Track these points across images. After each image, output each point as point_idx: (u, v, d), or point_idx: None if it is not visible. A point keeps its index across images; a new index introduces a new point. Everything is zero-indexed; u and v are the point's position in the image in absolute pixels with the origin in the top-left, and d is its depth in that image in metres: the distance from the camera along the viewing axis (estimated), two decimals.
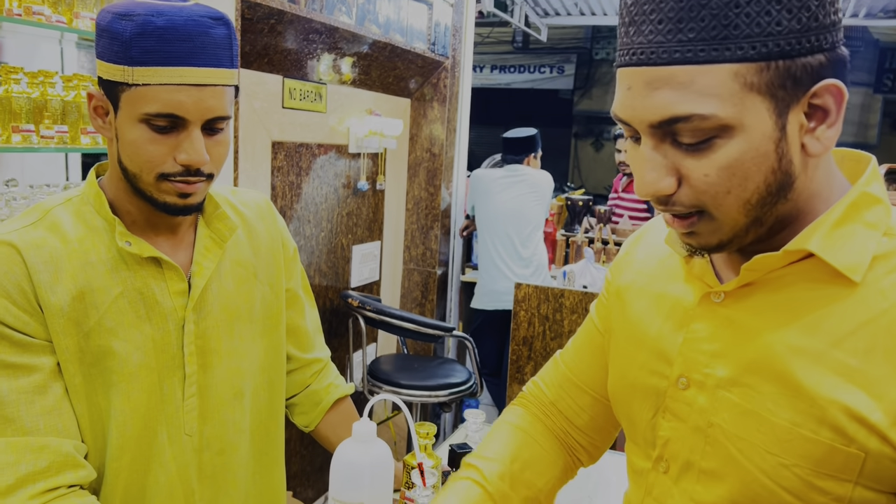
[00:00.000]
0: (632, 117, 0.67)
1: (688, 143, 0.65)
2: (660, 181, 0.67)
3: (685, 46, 0.62)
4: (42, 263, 0.95)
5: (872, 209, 0.68)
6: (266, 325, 1.16)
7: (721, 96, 0.62)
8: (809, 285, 0.69)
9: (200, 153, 0.95)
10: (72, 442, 0.96)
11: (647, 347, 0.84)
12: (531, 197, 3.51)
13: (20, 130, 1.81)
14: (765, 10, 0.60)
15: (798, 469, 0.67)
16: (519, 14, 6.27)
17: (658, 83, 0.64)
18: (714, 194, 0.65)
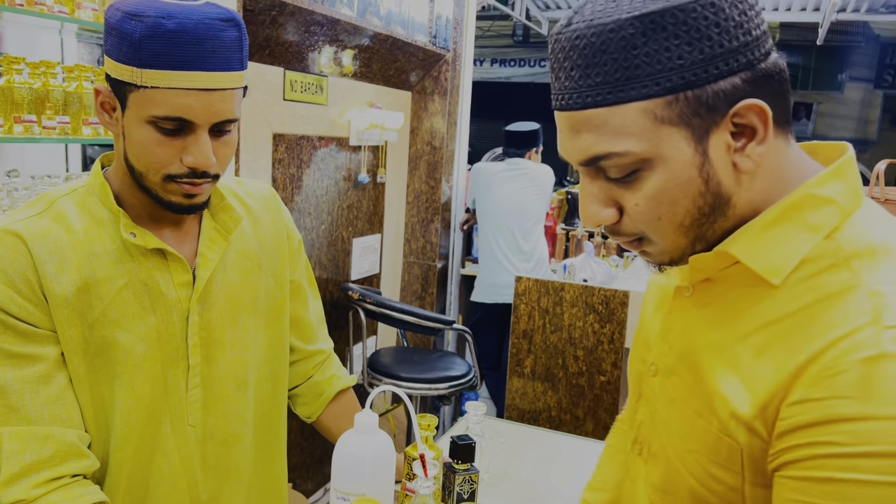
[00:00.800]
0: (566, 156, 0.72)
1: (614, 177, 0.69)
2: (600, 213, 0.71)
3: (594, 91, 0.66)
4: (47, 254, 0.95)
5: (818, 210, 0.68)
6: (270, 317, 1.16)
7: (634, 133, 0.65)
8: (740, 284, 0.72)
9: (207, 156, 0.94)
10: (76, 432, 0.96)
11: (640, 335, 0.90)
12: (532, 191, 3.51)
13: (22, 121, 1.81)
14: (663, 47, 0.63)
15: (698, 455, 0.71)
16: (520, 7, 6.25)
17: (578, 126, 0.68)
18: (647, 221, 0.69)
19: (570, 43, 0.67)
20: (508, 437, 1.82)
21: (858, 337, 0.60)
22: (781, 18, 5.77)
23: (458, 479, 1.24)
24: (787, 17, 5.78)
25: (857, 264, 0.64)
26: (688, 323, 0.77)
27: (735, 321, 0.70)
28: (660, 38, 0.63)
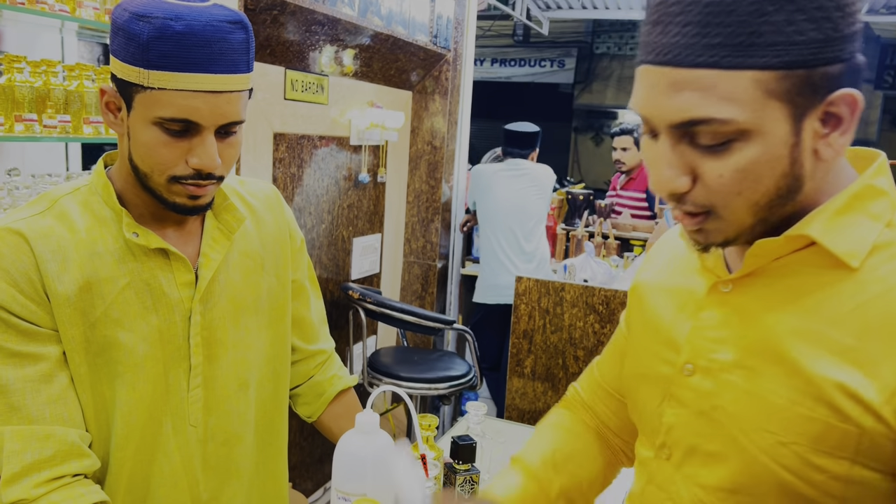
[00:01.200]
0: (653, 115, 0.68)
1: (705, 144, 0.66)
2: (676, 179, 0.68)
3: (710, 51, 0.63)
4: (50, 252, 0.95)
5: (877, 201, 0.71)
6: (272, 317, 1.16)
7: (741, 102, 0.64)
8: (810, 271, 0.71)
9: (213, 158, 0.94)
10: (77, 431, 0.96)
11: (658, 337, 0.86)
12: (533, 191, 3.51)
13: (23, 119, 1.81)
14: (789, 19, 0.62)
15: (796, 447, 0.68)
16: (521, 7, 6.25)
17: (681, 85, 0.65)
18: (725, 194, 0.67)
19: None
20: (509, 437, 1.81)
21: None
22: None
23: (459, 479, 1.24)
24: None
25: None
26: (747, 315, 0.75)
27: (818, 308, 0.69)
28: (789, 9, 0.62)
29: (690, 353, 0.80)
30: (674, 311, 0.84)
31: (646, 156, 0.72)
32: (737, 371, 0.74)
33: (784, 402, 0.69)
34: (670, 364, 0.83)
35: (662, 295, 0.88)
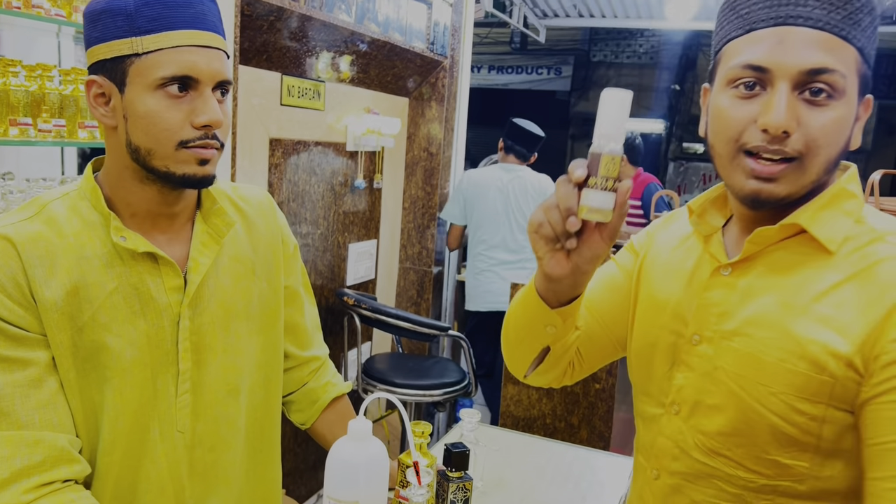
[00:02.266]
0: (779, 64, 0.81)
1: (816, 95, 0.81)
2: (792, 119, 0.81)
3: (836, 22, 0.81)
4: (37, 258, 0.95)
5: (849, 201, 0.88)
6: (263, 322, 1.16)
7: (847, 66, 0.82)
8: (797, 256, 0.88)
9: (217, 112, 0.97)
10: (66, 436, 0.96)
11: (667, 312, 1.00)
12: (531, 197, 3.47)
13: (18, 124, 1.80)
14: (871, 25, 0.83)
15: (783, 395, 0.85)
16: (518, 15, 6.27)
17: (812, 42, 0.81)
18: (819, 143, 0.81)
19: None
20: (503, 444, 1.81)
21: None
22: None
23: (451, 486, 1.23)
24: None
25: (891, 238, 0.84)
26: (746, 293, 0.90)
27: (804, 285, 0.86)
28: (871, 16, 0.83)
29: (697, 326, 0.95)
30: (681, 289, 0.99)
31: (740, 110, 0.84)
32: (736, 338, 0.90)
33: (774, 360, 0.85)
34: (679, 335, 0.97)
35: (669, 275, 1.02)
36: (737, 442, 0.90)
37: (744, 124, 0.84)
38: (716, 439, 0.92)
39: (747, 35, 0.84)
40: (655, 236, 1.10)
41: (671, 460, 0.98)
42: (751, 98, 0.84)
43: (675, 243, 1.05)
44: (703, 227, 0.99)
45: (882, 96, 10.51)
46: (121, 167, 1.00)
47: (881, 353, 0.79)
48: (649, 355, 1.03)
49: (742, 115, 0.84)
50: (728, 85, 0.86)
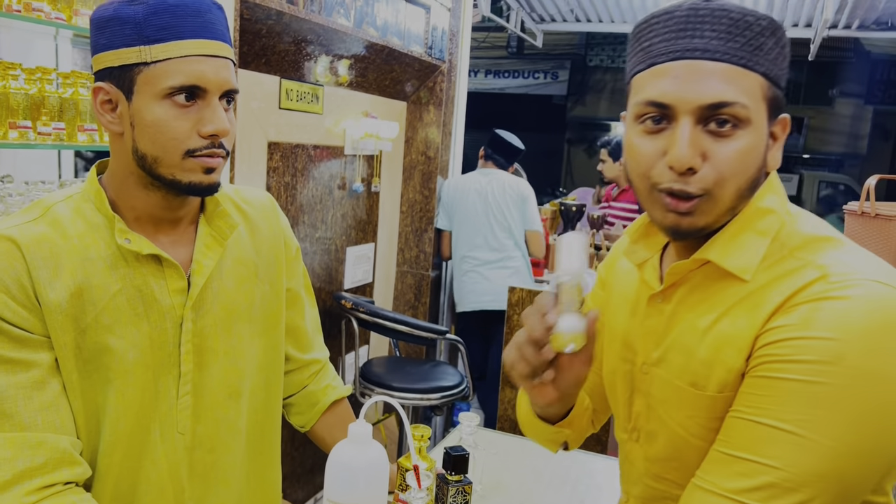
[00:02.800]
0: (681, 100, 0.80)
1: (720, 127, 0.80)
2: (695, 156, 0.80)
3: (733, 52, 0.80)
4: (42, 259, 0.95)
5: (763, 219, 0.86)
6: (265, 325, 1.16)
7: (751, 95, 0.80)
8: (713, 280, 0.87)
9: (224, 121, 0.97)
10: (68, 438, 0.96)
11: (620, 341, 1.02)
12: (509, 197, 3.50)
13: (17, 127, 1.81)
14: (775, 46, 0.82)
15: (697, 419, 0.87)
16: (515, 19, 6.28)
17: (711, 74, 0.80)
18: (727, 175, 0.81)
19: (713, 12, 0.80)
20: (501, 448, 1.81)
21: (811, 288, 0.78)
22: None
23: (451, 490, 1.23)
24: None
25: (799, 254, 0.83)
26: (667, 320, 0.92)
27: (710, 307, 0.86)
28: (776, 38, 0.82)
29: (643, 354, 0.96)
30: (627, 317, 1.01)
31: (650, 147, 0.83)
32: (660, 364, 0.92)
33: (685, 384, 0.87)
34: (632, 363, 0.99)
35: (621, 303, 1.04)
36: (673, 466, 0.92)
37: (653, 160, 0.83)
38: (657, 464, 0.95)
39: (650, 69, 0.83)
40: (616, 264, 1.10)
41: (632, 485, 1.02)
42: (658, 133, 0.83)
43: (628, 269, 1.05)
44: (635, 256, 0.99)
45: (877, 102, 10.55)
46: (126, 172, 1.01)
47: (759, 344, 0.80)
48: (612, 384, 1.05)
49: (651, 151, 0.83)
50: (636, 120, 0.85)
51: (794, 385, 0.75)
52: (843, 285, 0.76)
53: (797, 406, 0.75)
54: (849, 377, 0.73)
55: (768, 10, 5.20)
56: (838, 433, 0.73)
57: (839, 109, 11.05)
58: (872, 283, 0.76)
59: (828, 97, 11.01)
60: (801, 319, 0.76)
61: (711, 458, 0.82)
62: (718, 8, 0.80)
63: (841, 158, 11.07)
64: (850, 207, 2.45)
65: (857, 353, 0.73)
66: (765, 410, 0.77)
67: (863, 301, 0.75)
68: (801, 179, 10.35)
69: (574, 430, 1.08)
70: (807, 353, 0.75)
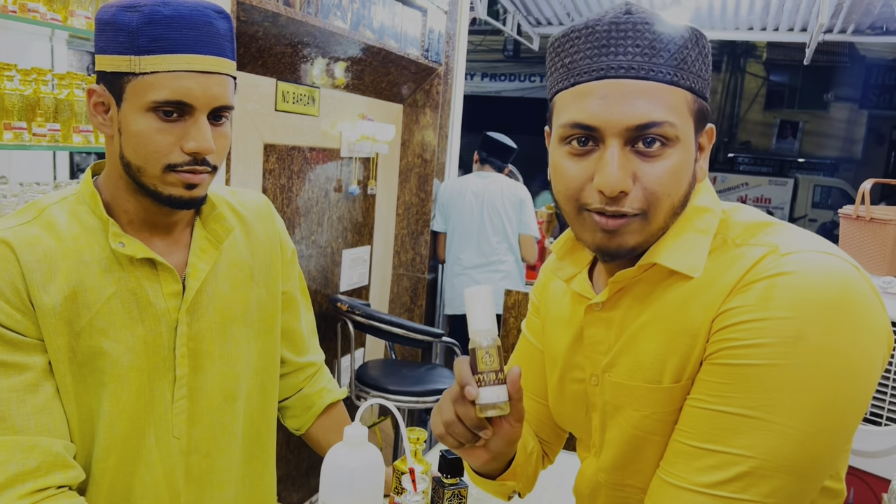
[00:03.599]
0: (607, 122, 0.78)
1: (648, 147, 0.78)
2: (626, 178, 0.78)
3: (657, 69, 0.78)
4: (36, 262, 0.95)
5: (701, 217, 0.85)
6: (261, 328, 1.16)
7: (678, 112, 0.79)
8: (659, 281, 0.86)
9: (208, 140, 0.95)
10: (62, 442, 0.95)
11: (563, 363, 1.00)
12: (507, 199, 3.51)
13: (12, 128, 1.80)
14: (699, 57, 0.81)
15: (656, 415, 0.85)
16: (511, 23, 6.30)
17: (639, 93, 0.77)
18: (659, 195, 0.79)
19: (635, 27, 0.78)
20: None
21: (763, 263, 0.77)
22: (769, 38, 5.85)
23: (447, 493, 1.23)
24: (775, 36, 5.85)
25: (739, 240, 0.82)
26: (617, 327, 0.90)
27: (661, 306, 0.85)
28: (699, 48, 0.80)
29: (591, 367, 0.94)
30: (569, 339, 0.98)
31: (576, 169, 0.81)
32: (611, 370, 0.90)
33: (639, 383, 0.86)
34: (581, 381, 0.97)
35: (557, 324, 1.02)
36: (633, 470, 0.90)
37: (581, 182, 0.81)
38: (613, 473, 0.93)
39: (573, 88, 0.80)
40: (549, 285, 1.08)
41: (592, 501, 1.00)
42: (585, 155, 0.81)
43: (561, 289, 1.03)
44: (563, 273, 0.97)
45: (872, 106, 10.59)
46: (116, 176, 1.00)
47: (716, 327, 0.78)
48: (564, 407, 1.03)
49: (578, 174, 0.81)
50: (561, 142, 0.83)
51: (756, 370, 0.74)
52: (794, 260, 0.75)
53: (762, 391, 0.73)
54: (811, 356, 0.72)
55: (763, 15, 5.22)
56: (806, 415, 0.72)
57: (834, 113, 11.09)
58: (822, 254, 0.75)
59: (823, 101, 11.05)
60: (757, 299, 0.75)
61: (677, 451, 0.80)
62: (640, 21, 0.78)
63: (836, 162, 11.11)
64: (846, 211, 2.46)
65: (817, 330, 0.72)
66: (729, 399, 0.75)
67: (817, 276, 0.73)
68: (796, 183, 10.39)
69: (520, 480, 1.05)
70: (766, 335, 0.73)
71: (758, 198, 10.50)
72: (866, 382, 0.74)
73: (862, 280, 0.75)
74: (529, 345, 1.13)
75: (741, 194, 10.50)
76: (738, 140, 11.74)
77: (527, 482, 1.10)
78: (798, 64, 9.03)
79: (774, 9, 4.90)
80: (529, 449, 1.09)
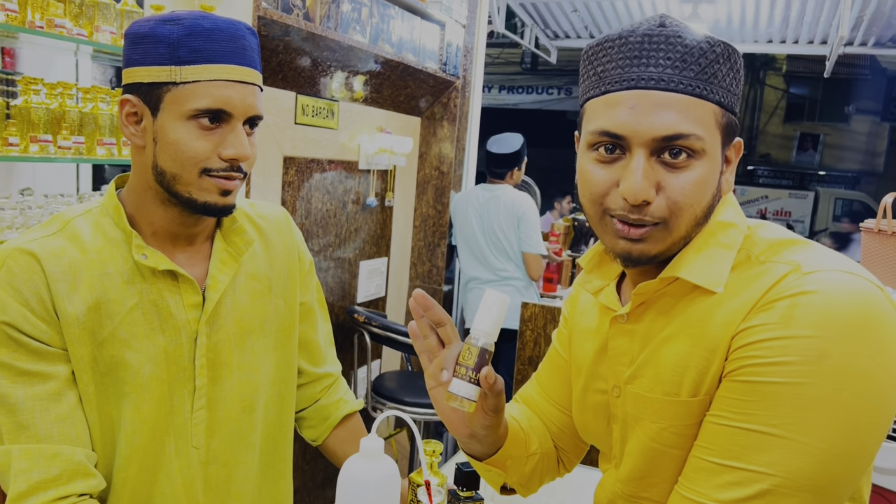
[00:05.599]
0: (635, 132, 0.79)
1: (675, 159, 0.79)
2: (649, 188, 0.79)
3: (687, 81, 0.79)
4: (61, 273, 0.96)
5: (725, 232, 0.86)
6: (278, 339, 1.17)
7: (705, 125, 0.79)
8: (682, 295, 0.87)
9: (245, 147, 0.99)
10: (83, 450, 0.97)
11: (587, 374, 1.01)
12: (503, 216, 3.36)
13: (38, 140, 1.83)
14: (730, 72, 0.81)
15: (673, 428, 0.85)
16: (529, 36, 6.32)
17: (666, 105, 0.78)
18: (682, 205, 0.80)
19: (668, 39, 0.79)
20: None
21: (785, 282, 0.77)
22: (789, 51, 5.82)
23: None
24: (795, 49, 5.83)
25: (763, 257, 0.82)
26: (640, 340, 0.91)
27: (683, 320, 0.85)
28: (729, 63, 0.81)
29: (613, 378, 0.95)
30: (594, 350, 0.99)
31: (602, 176, 0.83)
32: (633, 382, 0.91)
33: (658, 395, 0.86)
34: (603, 392, 0.98)
35: (584, 336, 1.03)
36: (649, 483, 0.91)
37: (606, 188, 0.82)
38: (631, 484, 0.93)
39: (603, 97, 0.82)
40: (579, 299, 1.09)
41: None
42: (612, 162, 0.82)
43: (590, 302, 1.04)
44: (591, 286, 0.99)
45: (893, 119, 10.47)
46: (144, 187, 1.02)
47: (736, 345, 0.79)
48: (586, 418, 1.04)
49: (604, 179, 0.82)
50: (589, 148, 0.84)
51: (779, 388, 0.73)
52: (817, 279, 0.75)
53: (784, 409, 0.73)
54: (834, 376, 0.71)
55: (783, 28, 5.20)
56: (828, 434, 0.72)
57: (855, 126, 10.99)
58: (846, 274, 0.75)
59: (844, 114, 10.96)
60: (781, 317, 0.75)
61: (697, 467, 0.80)
62: (673, 34, 0.79)
63: (857, 175, 10.99)
64: (867, 225, 2.43)
65: (840, 350, 0.71)
66: (751, 416, 0.75)
67: (840, 295, 0.73)
68: (816, 196, 10.29)
69: (510, 475, 1.05)
70: (789, 353, 0.73)
71: (778, 211, 10.41)
72: (889, 402, 0.73)
73: (885, 300, 0.75)
74: (557, 354, 1.15)
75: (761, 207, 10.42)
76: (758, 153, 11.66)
77: (523, 481, 1.09)
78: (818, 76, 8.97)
79: (794, 22, 4.88)
80: (532, 449, 1.10)
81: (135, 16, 2.03)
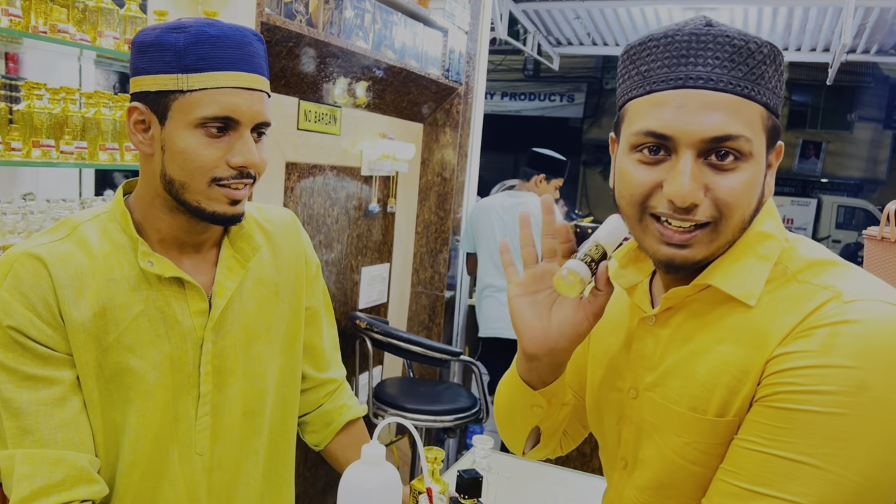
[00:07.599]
0: (683, 132, 0.77)
1: (723, 160, 0.77)
2: (698, 190, 0.78)
3: (736, 81, 0.77)
4: (67, 278, 0.96)
5: (763, 244, 0.84)
6: (284, 344, 1.16)
7: (753, 127, 0.78)
8: (714, 305, 0.85)
9: (254, 153, 0.98)
10: (87, 456, 0.96)
11: (607, 367, 1.00)
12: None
13: (40, 145, 1.84)
14: (774, 74, 0.80)
15: (697, 444, 0.83)
16: (532, 42, 6.33)
17: (715, 105, 0.76)
18: (732, 207, 0.78)
19: (716, 39, 0.77)
20: (515, 471, 1.80)
21: (825, 308, 0.75)
22: (791, 58, 5.83)
23: None
24: (797, 56, 5.83)
25: (802, 277, 0.81)
26: (664, 345, 0.89)
27: (712, 332, 0.83)
28: (775, 65, 0.79)
29: (632, 379, 0.93)
30: (618, 345, 0.98)
31: (646, 177, 0.80)
32: (655, 389, 0.89)
33: (684, 409, 0.84)
34: (620, 390, 0.97)
35: (609, 328, 1.01)
36: (666, 495, 0.88)
37: (649, 188, 0.80)
38: (648, 493, 0.91)
39: (648, 96, 0.80)
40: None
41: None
42: (656, 164, 0.80)
43: (617, 294, 1.01)
44: (624, 280, 0.96)
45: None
46: (152, 194, 1.02)
47: (771, 370, 0.77)
48: (600, 412, 1.02)
49: (647, 180, 0.80)
50: (632, 150, 0.82)
51: (816, 417, 0.72)
52: (859, 308, 0.74)
53: (820, 439, 0.71)
54: (873, 408, 0.70)
55: (786, 35, 5.20)
56: (863, 467, 0.71)
57: (858, 134, 10.99)
58: (888, 305, 0.74)
59: (846, 121, 10.96)
60: (820, 345, 0.73)
61: (724, 491, 0.78)
62: (721, 34, 0.77)
63: (860, 183, 10.99)
64: (870, 232, 2.43)
65: (881, 382, 0.70)
66: (785, 443, 0.74)
67: (882, 327, 0.72)
68: (819, 204, 10.28)
69: (550, 410, 1.00)
70: (828, 382, 0.72)
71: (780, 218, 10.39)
72: None
73: None
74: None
75: None
76: None
77: (553, 428, 1.05)
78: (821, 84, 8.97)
79: (797, 29, 4.89)
80: (567, 399, 1.06)
81: (138, 21, 2.04)
